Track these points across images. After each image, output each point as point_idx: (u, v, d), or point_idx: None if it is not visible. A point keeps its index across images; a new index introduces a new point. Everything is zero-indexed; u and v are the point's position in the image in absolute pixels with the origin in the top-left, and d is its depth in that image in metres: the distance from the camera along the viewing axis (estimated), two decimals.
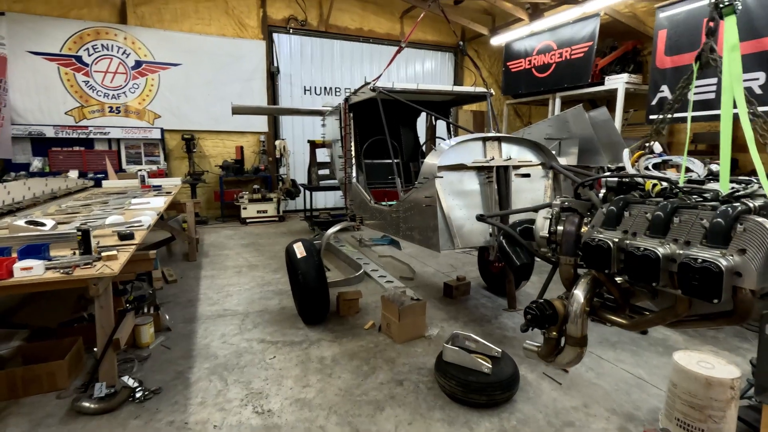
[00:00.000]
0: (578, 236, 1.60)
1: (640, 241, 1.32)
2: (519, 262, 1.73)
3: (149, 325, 3.49)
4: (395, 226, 3.39)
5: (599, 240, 1.40)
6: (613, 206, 1.44)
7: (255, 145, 9.96)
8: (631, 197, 1.46)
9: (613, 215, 1.43)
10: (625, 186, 1.58)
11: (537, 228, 1.68)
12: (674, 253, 1.23)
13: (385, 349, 3.49)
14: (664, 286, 1.26)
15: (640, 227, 1.35)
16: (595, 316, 1.56)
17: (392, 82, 3.73)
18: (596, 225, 1.49)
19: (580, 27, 8.65)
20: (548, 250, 1.69)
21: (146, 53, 8.74)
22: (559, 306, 1.59)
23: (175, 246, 6.74)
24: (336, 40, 10.33)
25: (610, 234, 1.42)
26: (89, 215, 3.86)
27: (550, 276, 1.78)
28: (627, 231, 1.38)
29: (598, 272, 1.46)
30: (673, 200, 1.32)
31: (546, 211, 1.69)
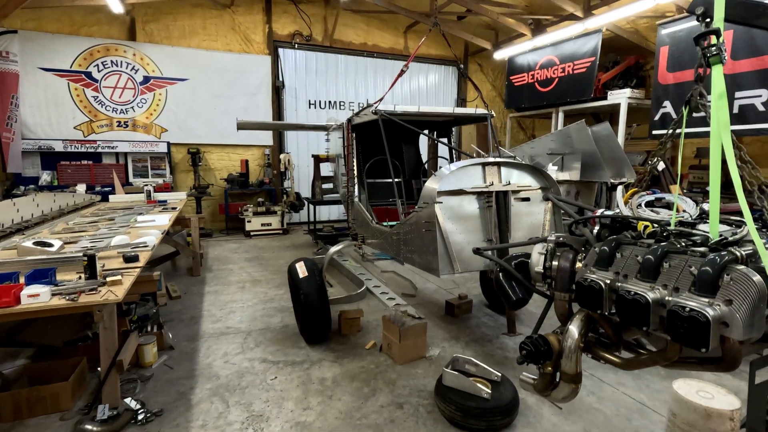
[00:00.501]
0: (573, 272, 1.62)
1: (631, 284, 1.35)
2: (515, 297, 1.75)
3: (152, 345, 3.53)
4: (396, 248, 3.42)
5: (591, 280, 1.43)
6: (605, 246, 1.46)
7: (260, 158, 10.07)
8: (623, 238, 1.48)
9: (605, 256, 1.46)
10: (618, 224, 1.61)
11: (532, 263, 1.71)
12: (664, 298, 1.25)
13: (386, 371, 3.50)
14: (655, 330, 1.28)
15: (632, 269, 1.38)
16: (589, 353, 1.58)
17: (394, 105, 3.79)
18: (589, 264, 1.51)
19: (583, 42, 8.72)
20: (543, 285, 1.71)
21: (154, 69, 8.90)
22: (554, 341, 1.61)
23: (180, 260, 6.80)
24: (340, 55, 10.47)
25: (603, 274, 1.45)
26: (95, 234, 3.92)
27: (545, 311, 1.80)
28: (618, 272, 1.41)
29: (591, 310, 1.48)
30: (664, 244, 1.34)
31: (541, 246, 1.72)
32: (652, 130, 7.76)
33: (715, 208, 1.30)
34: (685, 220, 1.48)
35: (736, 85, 6.44)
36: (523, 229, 3.09)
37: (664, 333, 1.25)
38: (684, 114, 1.71)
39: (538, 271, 1.68)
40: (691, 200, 1.59)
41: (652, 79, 8.56)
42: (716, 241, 1.28)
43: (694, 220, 1.49)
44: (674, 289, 1.24)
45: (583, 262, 1.55)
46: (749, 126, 6.35)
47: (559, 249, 1.69)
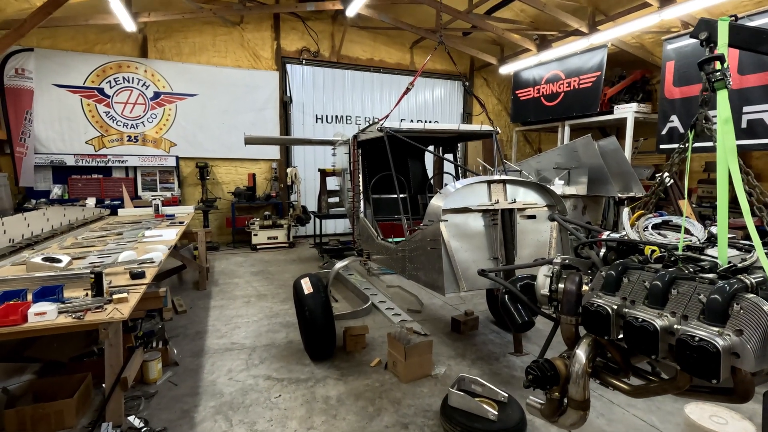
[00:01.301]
0: (579, 296, 1.60)
1: (639, 310, 1.32)
2: (520, 320, 1.73)
3: (157, 361, 3.52)
4: (401, 265, 3.40)
5: (598, 305, 1.40)
6: (612, 271, 1.45)
7: (267, 172, 10.15)
8: (630, 262, 1.46)
9: (612, 280, 1.44)
10: (625, 247, 1.59)
11: (538, 285, 1.69)
12: (672, 326, 1.22)
13: (391, 389, 3.46)
14: (664, 358, 1.25)
15: (639, 295, 1.36)
16: (597, 378, 1.55)
17: (400, 121, 3.82)
18: (596, 288, 1.49)
19: (588, 57, 8.76)
20: (549, 308, 1.69)
21: (164, 85, 9.07)
22: (561, 366, 1.58)
23: (186, 274, 6.83)
24: (347, 70, 10.60)
25: (609, 299, 1.42)
26: (103, 249, 3.96)
27: (552, 334, 1.77)
28: (626, 298, 1.38)
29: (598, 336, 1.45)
30: (671, 270, 1.32)
31: (547, 269, 1.70)
32: (659, 144, 7.72)
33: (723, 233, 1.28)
34: (693, 245, 1.46)
35: (744, 99, 6.41)
36: (530, 247, 3.07)
37: (674, 362, 1.23)
38: (690, 138, 1.71)
39: (544, 294, 1.66)
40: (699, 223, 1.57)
41: (658, 93, 8.57)
42: (725, 268, 1.26)
43: (702, 245, 1.47)
44: (683, 317, 1.21)
45: (589, 286, 1.53)
46: (758, 141, 6.31)
47: (565, 271, 1.68)
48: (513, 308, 1.75)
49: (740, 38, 1.46)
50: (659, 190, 1.82)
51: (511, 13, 9.07)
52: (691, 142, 1.67)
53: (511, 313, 1.75)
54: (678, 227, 1.59)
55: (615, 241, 1.58)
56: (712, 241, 1.53)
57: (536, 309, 1.72)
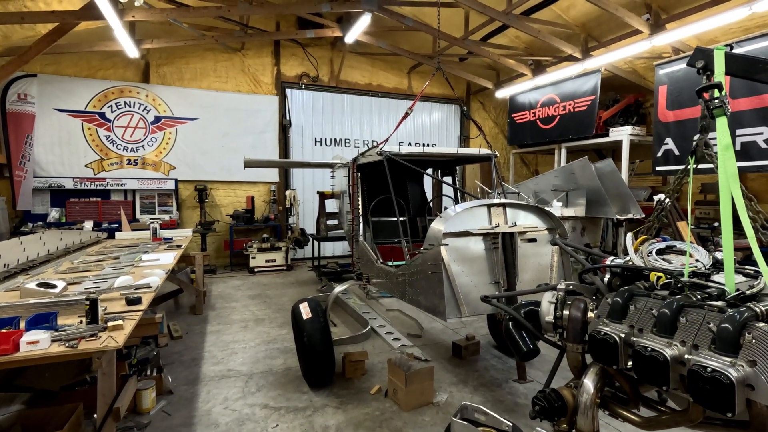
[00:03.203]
0: (585, 323, 1.57)
1: (647, 339, 1.29)
2: (525, 349, 1.69)
3: (151, 390, 3.43)
4: (401, 290, 3.36)
5: (605, 333, 1.38)
6: (618, 298, 1.42)
7: (266, 194, 10.17)
8: (636, 289, 1.44)
9: (618, 307, 1.41)
10: (629, 273, 1.57)
11: (542, 312, 1.66)
12: (683, 356, 1.20)
13: (392, 418, 3.36)
14: (675, 388, 1.22)
15: (647, 323, 1.33)
16: (605, 409, 1.50)
17: (399, 145, 3.84)
18: (602, 315, 1.47)
19: (583, 82, 8.94)
20: (554, 335, 1.65)
21: (165, 109, 9.18)
22: (568, 396, 1.54)
23: (183, 298, 6.74)
24: (346, 95, 10.77)
25: (617, 327, 1.39)
26: (100, 274, 3.90)
27: (557, 362, 1.73)
28: (633, 326, 1.36)
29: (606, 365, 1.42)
30: (679, 297, 1.30)
31: (551, 295, 1.68)
32: (655, 166, 7.80)
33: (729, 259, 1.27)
34: (699, 271, 1.45)
35: (737, 122, 6.51)
36: (531, 271, 3.05)
37: (685, 393, 1.19)
38: (691, 164, 1.72)
39: (548, 321, 1.63)
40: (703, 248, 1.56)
41: (652, 116, 8.71)
42: (734, 295, 1.24)
43: (707, 270, 1.45)
44: (693, 346, 1.19)
45: (595, 313, 1.51)
46: (753, 162, 6.38)
47: (569, 297, 1.65)
48: (517, 336, 1.71)
49: (736, 66, 1.49)
50: (661, 215, 1.81)
51: (506, 39, 9.30)
52: (692, 167, 1.68)
53: (516, 341, 1.71)
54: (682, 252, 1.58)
55: (619, 267, 1.56)
56: (717, 266, 1.51)
57: (541, 336, 1.68)
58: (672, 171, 7.67)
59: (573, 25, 8.15)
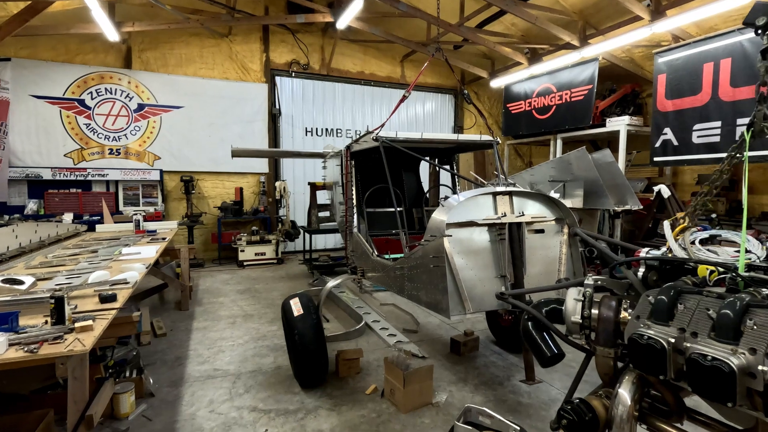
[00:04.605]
0: (617, 323, 1.38)
1: (705, 345, 1.10)
2: (550, 353, 1.49)
3: (130, 393, 3.18)
4: (399, 285, 3.15)
5: (649, 337, 1.18)
6: (663, 296, 1.22)
7: (255, 186, 9.87)
8: (684, 285, 1.24)
9: (663, 307, 1.21)
10: (669, 266, 1.38)
11: (568, 311, 1.46)
12: (755, 367, 1.00)
13: (389, 420, 3.17)
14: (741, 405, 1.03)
15: (702, 326, 1.13)
16: (643, 423, 1.31)
17: (395, 131, 3.61)
18: (642, 316, 1.27)
19: (579, 71, 8.75)
20: (580, 337, 1.46)
21: (149, 96, 8.80)
22: (600, 408, 1.34)
23: (168, 293, 6.46)
24: (338, 83, 10.46)
25: (663, 330, 1.20)
26: (74, 269, 3.63)
27: (583, 368, 1.53)
28: (684, 329, 1.16)
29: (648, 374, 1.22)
30: (743, 296, 1.10)
31: (576, 291, 1.48)
32: (653, 157, 7.67)
33: None
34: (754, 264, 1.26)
35: (738, 112, 6.39)
36: (539, 264, 2.85)
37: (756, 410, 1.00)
38: (747, 138, 1.53)
39: (575, 321, 1.43)
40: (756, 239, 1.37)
41: (650, 106, 8.57)
42: None
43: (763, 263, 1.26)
44: (766, 354, 0.99)
45: (632, 313, 1.30)
46: (753, 153, 6.25)
47: (599, 294, 1.45)
48: (539, 338, 1.51)
49: None
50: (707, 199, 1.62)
51: (502, 26, 9.07)
52: (748, 142, 1.49)
53: (538, 344, 1.51)
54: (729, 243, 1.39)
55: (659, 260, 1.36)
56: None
57: (565, 339, 1.48)
58: (670, 162, 7.55)
59: (571, 11, 7.94)
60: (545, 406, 3.34)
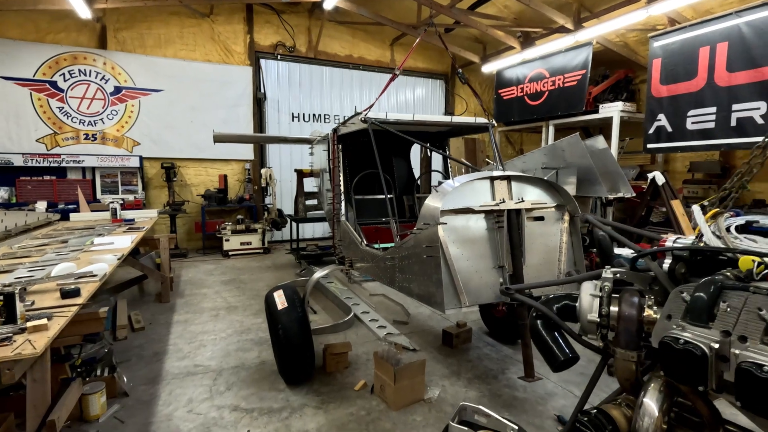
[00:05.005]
0: (641, 323, 1.20)
1: (758, 352, 0.92)
2: (563, 357, 1.31)
3: (100, 393, 2.96)
4: (390, 276, 2.96)
5: (687, 342, 1.00)
6: (702, 293, 1.04)
7: (240, 173, 9.55)
8: (727, 281, 1.06)
9: (702, 305, 1.03)
10: (700, 256, 1.20)
11: (583, 308, 1.28)
12: None
13: (379, 418, 3.00)
14: None
15: (752, 330, 0.95)
16: None
17: (385, 113, 3.38)
18: (674, 315, 1.09)
19: (573, 55, 8.56)
20: (597, 338, 1.28)
21: (126, 79, 8.37)
22: (620, 419, 1.17)
23: (148, 285, 6.20)
24: (325, 67, 10.12)
25: (703, 334, 1.02)
26: (38, 261, 3.36)
27: (598, 373, 1.36)
28: (730, 333, 0.98)
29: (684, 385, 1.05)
30: None
31: (592, 286, 1.30)
32: (646, 144, 7.55)
33: None
34: None
35: (733, 97, 6.27)
36: (538, 254, 2.68)
37: None
38: None
39: (591, 320, 1.25)
40: None
41: (642, 93, 8.44)
42: None
43: None
44: None
45: (661, 312, 1.13)
46: (747, 139, 6.16)
47: (618, 289, 1.27)
48: (550, 339, 1.33)
49: None
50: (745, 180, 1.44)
51: (494, 9, 8.81)
52: None
53: (549, 346, 1.33)
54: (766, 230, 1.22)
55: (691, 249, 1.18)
56: None
57: (580, 340, 1.30)
58: (663, 148, 7.45)
59: None
60: (542, 400, 3.21)
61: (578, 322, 1.34)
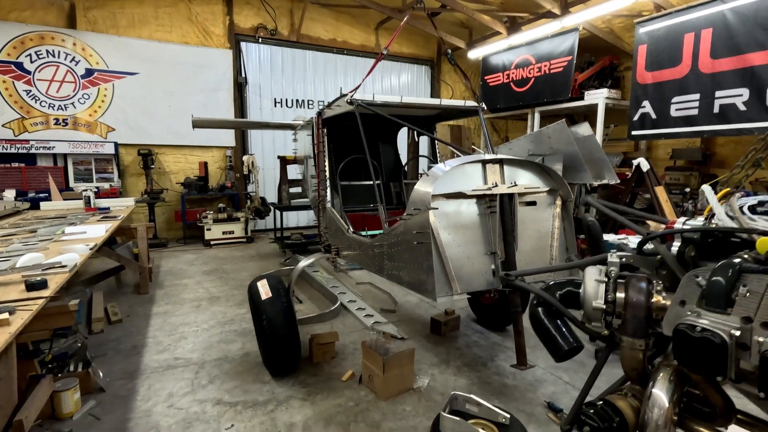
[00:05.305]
0: (649, 309, 1.14)
1: None
2: (567, 346, 1.25)
3: (73, 390, 2.81)
4: (378, 263, 2.87)
5: (705, 329, 0.94)
6: (719, 276, 0.98)
7: (221, 160, 9.28)
8: (746, 263, 1.00)
9: (720, 290, 0.97)
10: (711, 239, 1.14)
11: (588, 294, 1.20)
12: None
13: (368, 409, 2.93)
14: None
15: None
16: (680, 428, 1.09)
17: (372, 94, 3.25)
18: (688, 301, 1.03)
19: (559, 41, 8.50)
20: (601, 325, 1.22)
21: (98, 61, 7.98)
22: (627, 410, 1.11)
23: (126, 276, 5.98)
24: (308, 51, 9.85)
25: (721, 320, 0.96)
26: (2, 252, 3.15)
27: (602, 362, 1.30)
28: (751, 319, 0.92)
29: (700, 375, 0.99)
30: None
31: (597, 271, 1.23)
32: (631, 130, 7.58)
33: None
34: None
35: (717, 84, 6.31)
36: (530, 240, 2.62)
37: None
38: None
39: (596, 307, 1.18)
40: None
41: (627, 80, 8.46)
42: None
43: None
44: None
45: (673, 297, 1.06)
46: (730, 126, 6.22)
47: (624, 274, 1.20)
48: (554, 328, 1.26)
49: None
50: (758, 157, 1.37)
51: None
52: None
53: (552, 335, 1.26)
54: None
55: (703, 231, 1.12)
56: None
57: (584, 328, 1.24)
58: (648, 135, 7.49)
59: None
60: (531, 387, 3.19)
61: (581, 310, 1.26)
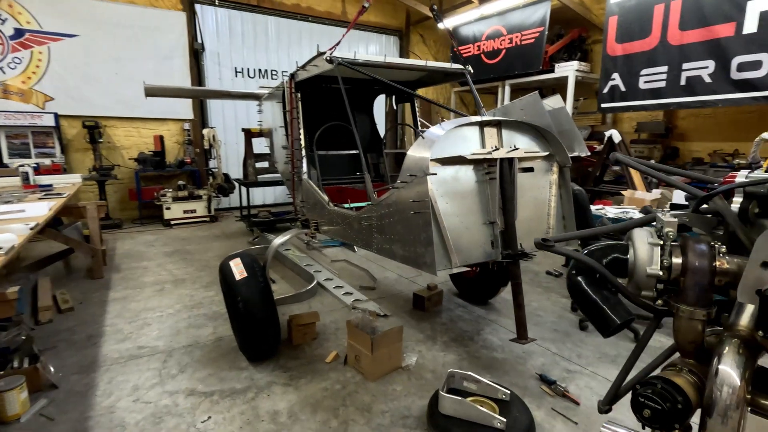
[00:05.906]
0: (713, 274, 1.00)
1: None
2: (620, 320, 1.09)
3: (19, 389, 2.46)
4: (365, 238, 2.65)
5: None
6: None
7: (178, 134, 8.61)
8: None
9: None
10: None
11: (640, 260, 1.05)
12: None
13: (357, 391, 2.77)
14: None
15: None
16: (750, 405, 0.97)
17: (354, 53, 2.95)
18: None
19: (531, 12, 8.37)
20: (652, 294, 1.07)
21: (29, 20, 7.06)
22: (689, 389, 0.98)
23: (77, 259, 5.45)
24: (271, 17, 9.20)
25: None
26: None
27: (648, 335, 1.16)
28: None
29: None
30: None
31: (647, 233, 1.07)
32: (600, 103, 7.65)
33: None
34: None
35: (684, 56, 6.40)
36: (528, 208, 2.49)
37: None
38: None
39: (652, 273, 1.03)
40: None
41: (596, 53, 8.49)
42: None
43: None
44: None
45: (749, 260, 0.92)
46: (696, 98, 6.36)
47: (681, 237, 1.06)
48: (601, 299, 1.10)
49: None
50: None
51: None
52: None
53: (599, 307, 1.10)
54: None
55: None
56: None
57: (635, 299, 1.09)
58: (617, 108, 7.58)
59: None
60: (521, 360, 3.13)
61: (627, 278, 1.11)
